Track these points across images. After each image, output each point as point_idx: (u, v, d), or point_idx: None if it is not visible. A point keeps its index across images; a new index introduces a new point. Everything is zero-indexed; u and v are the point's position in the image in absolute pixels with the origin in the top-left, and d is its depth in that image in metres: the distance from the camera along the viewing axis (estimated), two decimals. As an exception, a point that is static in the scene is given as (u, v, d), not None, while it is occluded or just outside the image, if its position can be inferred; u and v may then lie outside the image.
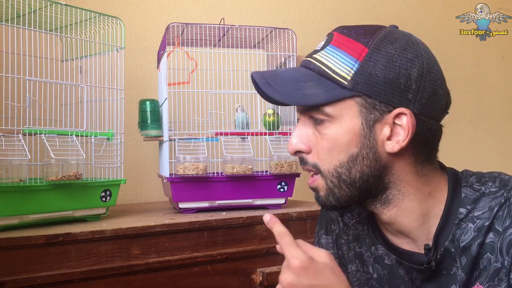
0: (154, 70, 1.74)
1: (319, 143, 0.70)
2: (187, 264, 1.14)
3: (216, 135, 1.37)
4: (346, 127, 0.68)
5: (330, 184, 0.70)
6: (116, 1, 1.76)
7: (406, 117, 0.66)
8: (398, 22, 0.72)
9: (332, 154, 0.69)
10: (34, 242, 0.97)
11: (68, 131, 1.18)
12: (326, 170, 0.70)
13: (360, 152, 0.68)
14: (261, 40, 1.53)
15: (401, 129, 0.67)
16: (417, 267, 0.72)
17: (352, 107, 0.68)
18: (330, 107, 0.68)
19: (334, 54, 0.68)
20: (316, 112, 0.69)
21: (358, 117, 0.67)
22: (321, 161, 0.70)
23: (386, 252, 0.76)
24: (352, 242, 0.82)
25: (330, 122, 0.68)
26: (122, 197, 1.67)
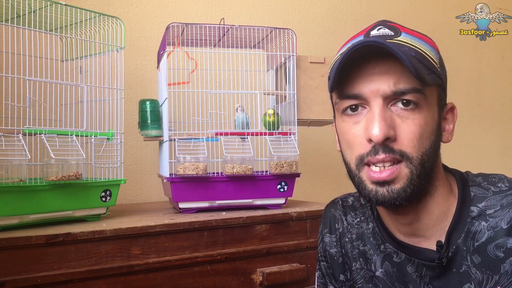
0: (154, 70, 1.74)
1: (406, 129, 0.66)
2: (187, 264, 1.14)
3: (216, 135, 1.37)
4: (431, 114, 0.67)
5: (415, 173, 0.66)
6: (116, 1, 1.76)
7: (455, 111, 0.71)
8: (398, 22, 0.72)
9: (421, 141, 0.66)
10: (34, 242, 0.97)
11: (68, 131, 1.18)
12: (415, 157, 0.66)
13: (436, 140, 0.68)
14: (261, 40, 1.53)
15: (446, 122, 0.71)
16: (428, 263, 0.71)
17: (433, 95, 0.68)
18: (428, 91, 0.66)
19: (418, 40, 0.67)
20: (414, 95, 0.65)
21: (436, 106, 0.68)
22: (410, 148, 0.66)
23: (394, 250, 0.76)
24: (356, 240, 0.82)
25: (423, 107, 0.66)
26: (122, 197, 1.68)
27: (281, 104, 1.51)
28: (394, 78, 0.65)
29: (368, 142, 0.67)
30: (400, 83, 0.65)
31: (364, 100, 0.68)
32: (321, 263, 0.89)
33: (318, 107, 1.46)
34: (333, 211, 0.87)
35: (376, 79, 0.66)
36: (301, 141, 1.44)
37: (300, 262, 1.29)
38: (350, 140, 0.70)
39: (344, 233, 0.84)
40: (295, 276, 1.25)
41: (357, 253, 0.82)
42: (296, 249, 1.29)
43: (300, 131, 1.45)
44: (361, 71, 0.68)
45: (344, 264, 0.84)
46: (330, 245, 0.86)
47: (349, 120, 0.70)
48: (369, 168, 0.67)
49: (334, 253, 0.86)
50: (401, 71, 0.65)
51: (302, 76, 1.45)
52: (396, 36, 0.66)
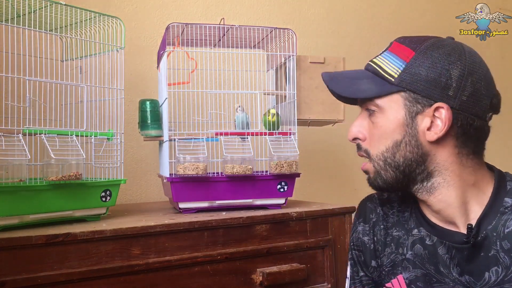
0: (154, 70, 1.74)
1: (371, 131, 0.83)
2: (187, 264, 1.14)
3: (216, 135, 1.37)
4: (392, 117, 0.80)
5: (377, 167, 0.83)
6: (116, 1, 1.76)
7: (443, 110, 0.77)
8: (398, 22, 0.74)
9: (380, 141, 0.82)
10: (34, 242, 0.97)
11: (68, 131, 1.18)
12: (374, 154, 0.83)
13: (403, 139, 0.80)
14: (261, 40, 1.53)
15: (439, 121, 0.78)
16: (458, 246, 0.79)
17: (398, 100, 0.80)
18: (380, 100, 0.81)
19: (387, 58, 0.82)
20: (370, 104, 0.82)
21: (403, 109, 0.80)
22: (371, 147, 0.84)
23: (427, 234, 0.84)
24: (391, 228, 0.92)
25: (379, 113, 0.81)
26: (122, 197, 1.68)
27: (281, 104, 1.51)
28: None
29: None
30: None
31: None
32: (353, 251, 0.97)
33: (318, 107, 1.46)
34: (369, 204, 0.97)
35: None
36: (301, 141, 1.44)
37: (300, 262, 1.29)
38: None
39: (377, 223, 0.94)
40: (295, 276, 1.25)
41: (391, 239, 0.91)
42: (296, 249, 1.29)
43: (300, 131, 1.45)
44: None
45: (375, 251, 0.93)
46: (363, 233, 0.95)
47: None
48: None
49: (366, 240, 0.94)
50: None
51: (302, 76, 1.45)
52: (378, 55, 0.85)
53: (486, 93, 0.80)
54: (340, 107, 1.48)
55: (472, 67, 0.79)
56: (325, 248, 1.33)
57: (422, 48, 0.79)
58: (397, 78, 0.79)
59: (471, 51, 0.81)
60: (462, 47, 0.80)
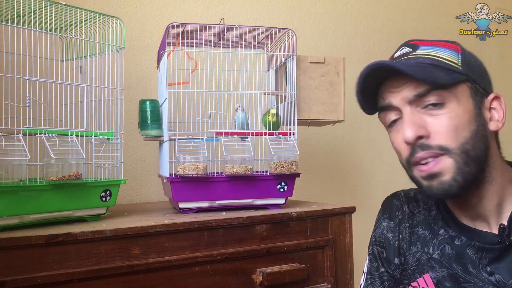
0: (154, 70, 1.74)
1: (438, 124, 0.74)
2: (187, 264, 1.14)
3: (216, 135, 1.37)
4: (464, 107, 0.75)
5: (459, 161, 0.74)
6: (116, 1, 1.76)
7: (501, 99, 0.78)
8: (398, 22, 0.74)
9: (457, 132, 0.74)
10: (34, 242, 0.97)
11: (68, 131, 1.18)
12: (455, 147, 0.74)
13: (478, 129, 0.76)
14: (261, 40, 1.53)
15: (495, 111, 0.78)
16: (488, 246, 0.77)
17: (465, 90, 0.76)
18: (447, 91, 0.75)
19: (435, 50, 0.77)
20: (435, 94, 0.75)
21: (470, 99, 0.76)
22: (448, 140, 0.74)
23: (456, 234, 0.82)
24: (416, 226, 0.89)
25: (450, 103, 0.75)
26: (122, 197, 1.68)
27: (281, 104, 1.51)
28: (414, 84, 0.76)
29: (407, 145, 0.77)
30: (420, 87, 0.75)
31: (398, 109, 0.79)
32: (375, 247, 0.95)
33: (318, 107, 1.46)
34: (395, 201, 0.95)
35: (400, 89, 0.77)
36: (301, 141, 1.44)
37: (300, 262, 1.29)
38: (397, 148, 0.81)
39: (403, 220, 0.92)
40: (295, 276, 1.25)
41: (416, 237, 0.88)
42: (296, 249, 1.29)
43: (300, 131, 1.45)
44: (387, 85, 0.80)
45: (400, 248, 0.90)
46: (388, 230, 0.93)
47: (393, 131, 0.82)
48: (417, 167, 0.77)
49: (391, 237, 0.92)
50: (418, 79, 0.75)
51: (302, 76, 1.45)
52: (413, 51, 0.79)
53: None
54: (340, 107, 1.48)
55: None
56: (325, 248, 1.33)
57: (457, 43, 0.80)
58: (461, 68, 0.76)
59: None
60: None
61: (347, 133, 2.19)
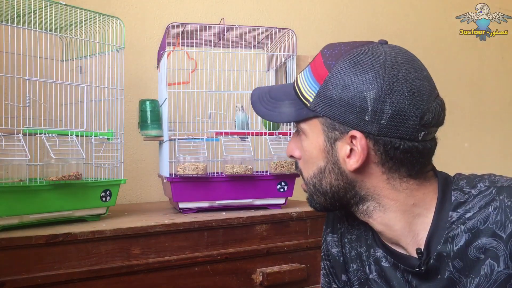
0: (154, 70, 1.74)
1: (302, 153, 0.78)
2: (187, 264, 1.14)
3: (216, 135, 1.37)
4: (314, 142, 0.75)
5: (309, 190, 0.78)
6: (116, 1, 1.76)
7: (357, 139, 0.69)
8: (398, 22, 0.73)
9: (307, 165, 0.77)
10: (34, 242, 0.98)
11: (68, 131, 1.18)
12: (306, 177, 0.78)
13: (327, 166, 0.74)
14: (261, 40, 1.53)
15: (354, 150, 0.71)
16: (412, 270, 0.73)
17: (316, 125, 0.73)
18: (303, 123, 0.75)
19: (306, 77, 0.75)
20: (297, 125, 0.78)
21: (322, 135, 0.73)
22: (304, 170, 0.78)
23: (383, 255, 0.79)
24: (355, 242, 0.85)
25: (304, 136, 0.76)
26: (122, 197, 1.68)
27: (281, 104, 1.51)
28: None
29: None
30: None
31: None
32: (325, 262, 0.91)
33: (318, 107, 1.46)
34: (337, 212, 0.89)
35: None
36: (301, 141, 1.44)
37: (300, 262, 1.29)
38: None
39: (344, 234, 0.87)
40: (295, 276, 1.25)
41: (355, 254, 0.84)
42: (296, 249, 1.29)
43: (300, 131, 1.45)
44: None
45: (345, 264, 0.86)
46: (332, 245, 0.89)
47: None
48: None
49: (335, 252, 0.88)
50: None
51: (302, 76, 1.45)
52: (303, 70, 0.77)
53: (413, 111, 0.67)
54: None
55: (392, 85, 0.67)
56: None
57: (337, 66, 0.70)
58: (312, 102, 0.72)
59: (396, 62, 0.69)
60: (385, 59, 0.68)
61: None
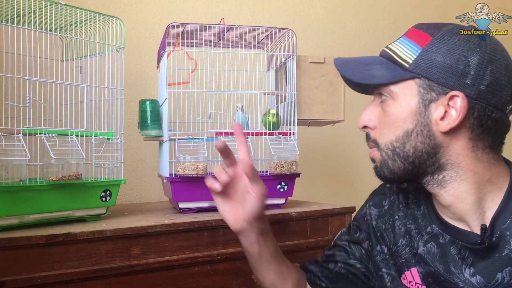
0: (154, 70, 1.74)
1: (382, 120, 0.80)
2: (187, 264, 1.14)
3: (216, 135, 1.37)
4: (405, 104, 0.76)
5: (384, 156, 0.79)
6: (116, 1, 1.76)
7: (459, 99, 0.73)
8: (398, 22, 0.74)
9: (390, 130, 0.78)
10: (34, 242, 0.97)
11: (68, 131, 1.18)
12: (383, 144, 0.79)
13: (415, 129, 0.76)
14: (261, 40, 1.53)
15: (454, 110, 0.74)
16: (470, 246, 0.77)
17: (411, 87, 0.76)
18: (394, 86, 0.77)
19: (402, 43, 0.79)
20: (383, 91, 0.79)
21: (416, 96, 0.76)
22: (380, 136, 0.80)
23: (440, 232, 0.82)
24: (404, 218, 0.90)
25: (392, 100, 0.78)
26: (122, 197, 1.68)
27: (281, 104, 1.51)
28: None
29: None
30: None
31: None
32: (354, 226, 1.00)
33: (318, 107, 1.46)
34: (386, 190, 0.96)
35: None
36: (301, 141, 1.44)
37: (300, 262, 1.28)
38: None
39: (388, 211, 0.93)
40: (295, 276, 1.25)
41: (404, 230, 0.89)
42: (296, 249, 1.29)
43: (300, 131, 1.45)
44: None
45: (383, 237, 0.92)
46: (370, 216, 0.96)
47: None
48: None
49: (374, 225, 0.95)
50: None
51: (302, 76, 1.45)
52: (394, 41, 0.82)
53: (507, 83, 0.74)
54: (340, 107, 1.48)
55: (493, 55, 0.74)
56: (325, 248, 1.33)
57: (440, 33, 0.75)
58: (412, 63, 0.75)
59: (493, 39, 0.78)
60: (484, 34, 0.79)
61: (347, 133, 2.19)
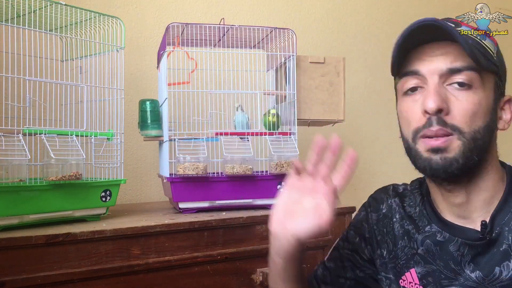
0: (154, 70, 1.74)
1: (459, 105, 0.72)
2: (187, 264, 1.14)
3: (216, 135, 1.37)
4: (486, 96, 0.74)
5: (466, 146, 0.72)
6: (116, 1, 1.76)
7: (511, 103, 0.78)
8: (398, 22, 0.74)
9: (474, 118, 0.73)
10: (34, 242, 0.97)
11: (68, 131, 1.18)
12: (467, 132, 0.72)
13: (490, 122, 0.75)
14: (261, 40, 1.53)
15: (504, 112, 0.78)
16: (470, 242, 0.77)
17: (491, 81, 0.75)
18: (483, 75, 0.73)
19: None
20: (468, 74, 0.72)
21: (492, 91, 0.75)
22: (463, 123, 0.72)
23: (439, 230, 0.82)
24: (401, 220, 0.89)
25: (477, 88, 0.73)
26: (122, 197, 1.67)
27: (281, 104, 1.51)
28: (451, 57, 0.73)
29: (424, 116, 0.74)
30: (457, 62, 0.73)
31: (422, 78, 0.75)
32: (351, 231, 0.97)
33: (318, 107, 1.46)
34: (383, 195, 0.95)
35: (434, 59, 0.74)
36: (301, 141, 1.44)
37: (300, 262, 1.28)
38: (408, 117, 0.77)
39: (386, 215, 0.92)
40: (295, 276, 1.25)
41: (403, 231, 0.88)
42: (296, 249, 1.29)
43: (300, 131, 1.45)
44: (421, 52, 0.76)
45: (383, 241, 0.91)
46: (374, 222, 0.94)
47: (408, 99, 0.78)
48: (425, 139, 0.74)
49: (374, 230, 0.93)
50: (458, 53, 0.73)
51: (302, 76, 1.45)
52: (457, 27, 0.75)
53: None
54: (340, 107, 1.48)
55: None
56: (325, 248, 1.33)
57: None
58: (495, 57, 0.75)
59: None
60: None
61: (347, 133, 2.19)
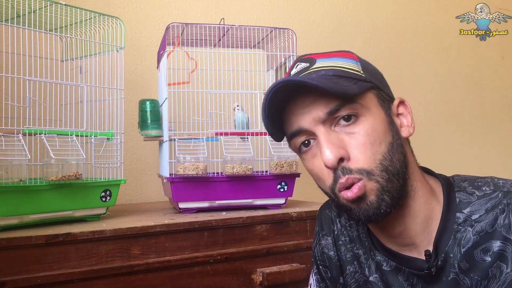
0: (154, 70, 1.74)
1: (356, 141, 0.66)
2: (187, 264, 1.14)
3: (216, 135, 1.37)
4: (376, 117, 0.68)
5: (381, 181, 0.65)
6: (116, 1, 1.76)
7: (406, 103, 0.72)
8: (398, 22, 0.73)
9: (374, 147, 0.66)
10: (34, 242, 0.97)
11: (68, 131, 1.18)
12: (374, 168, 0.65)
13: (393, 139, 0.68)
14: (261, 40, 1.53)
15: (403, 117, 0.72)
16: (418, 273, 0.71)
17: (373, 98, 0.69)
18: (362, 100, 0.67)
19: (333, 60, 0.70)
20: (348, 108, 0.67)
21: (379, 106, 0.69)
22: (367, 162, 0.66)
23: (384, 259, 0.76)
24: (350, 243, 0.82)
25: (364, 116, 0.67)
26: (122, 197, 1.68)
27: (281, 104, 1.51)
28: (323, 101, 0.67)
29: (329, 170, 0.67)
30: (330, 104, 0.67)
31: (309, 131, 0.69)
32: (320, 267, 0.88)
33: (318, 107, 1.46)
34: (328, 212, 0.87)
35: (309, 109, 0.68)
36: (301, 141, 1.44)
37: (300, 262, 1.29)
38: (318, 175, 0.70)
39: (338, 236, 0.84)
40: (295, 276, 1.25)
41: (351, 256, 0.81)
42: (296, 249, 1.29)
43: (300, 131, 1.45)
44: (293, 106, 0.70)
45: (341, 266, 0.83)
46: (328, 248, 0.85)
47: (307, 156, 0.71)
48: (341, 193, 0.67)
49: (332, 255, 0.85)
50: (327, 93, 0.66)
51: (302, 76, 1.45)
52: (311, 66, 0.70)
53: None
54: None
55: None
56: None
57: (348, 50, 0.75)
58: (364, 75, 0.69)
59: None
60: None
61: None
